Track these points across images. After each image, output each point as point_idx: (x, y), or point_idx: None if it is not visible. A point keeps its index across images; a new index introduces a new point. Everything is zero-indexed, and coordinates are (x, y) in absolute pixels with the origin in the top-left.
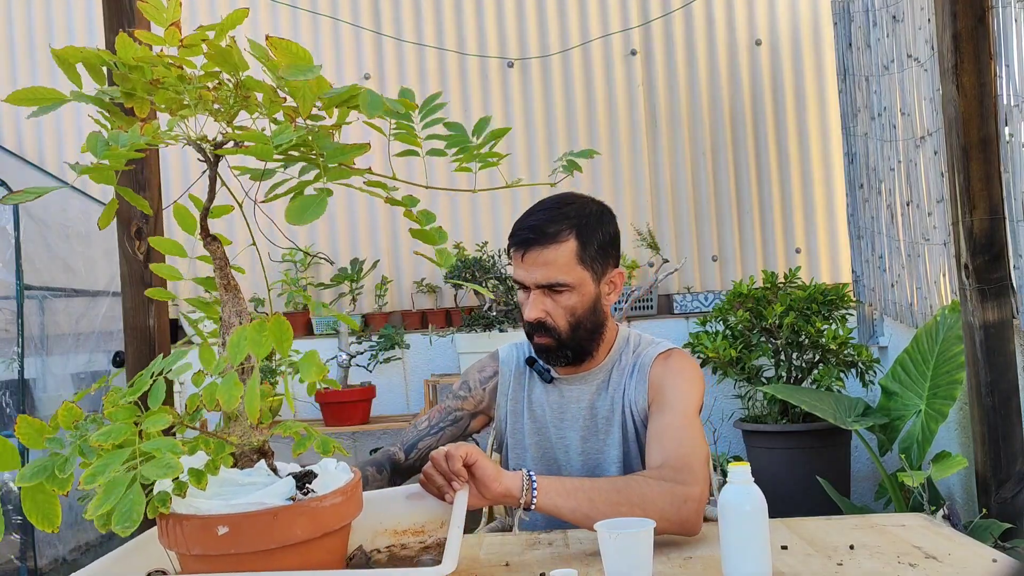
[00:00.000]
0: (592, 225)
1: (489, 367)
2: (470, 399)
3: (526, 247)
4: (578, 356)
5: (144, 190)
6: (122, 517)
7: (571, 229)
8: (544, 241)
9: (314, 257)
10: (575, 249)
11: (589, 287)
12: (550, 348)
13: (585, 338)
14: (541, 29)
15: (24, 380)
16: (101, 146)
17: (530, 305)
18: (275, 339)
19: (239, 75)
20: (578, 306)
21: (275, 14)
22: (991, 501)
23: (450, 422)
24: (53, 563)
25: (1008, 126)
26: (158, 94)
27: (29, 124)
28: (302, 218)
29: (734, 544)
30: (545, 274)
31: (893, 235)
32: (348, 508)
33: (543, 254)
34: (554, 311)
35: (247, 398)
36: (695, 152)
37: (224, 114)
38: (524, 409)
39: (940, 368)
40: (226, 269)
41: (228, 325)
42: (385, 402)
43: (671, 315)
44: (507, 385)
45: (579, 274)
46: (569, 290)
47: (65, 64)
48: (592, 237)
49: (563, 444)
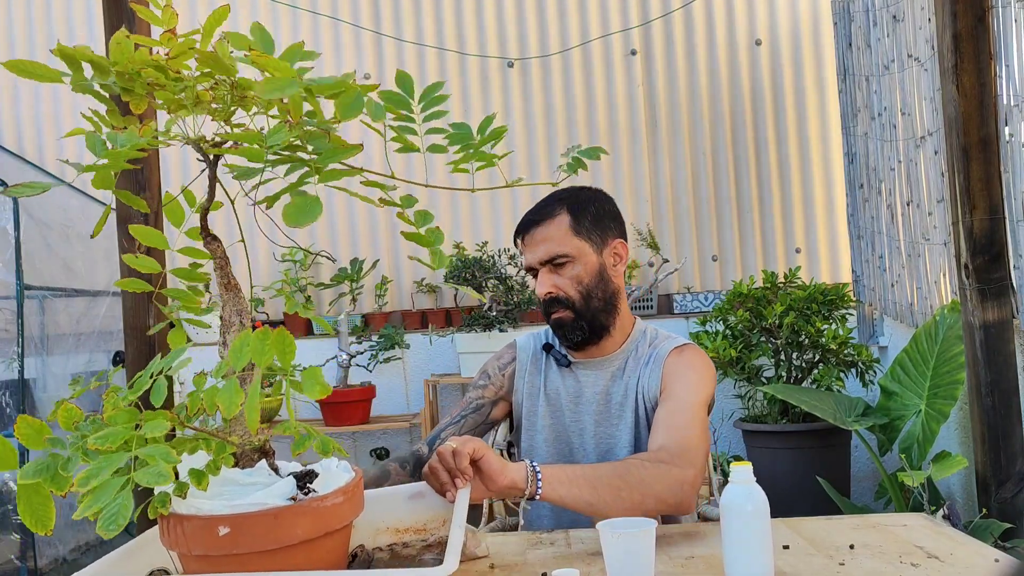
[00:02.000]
0: (584, 200)
1: (507, 354)
2: (490, 387)
3: (525, 231)
4: (594, 330)
5: (144, 190)
6: (108, 520)
7: (563, 205)
8: (539, 219)
9: (316, 256)
10: (568, 222)
11: (591, 256)
12: (567, 321)
13: (599, 309)
14: (541, 29)
15: (24, 380)
16: (99, 147)
17: (540, 283)
18: (278, 351)
19: (233, 76)
20: (583, 275)
21: (275, 14)
22: (991, 501)
23: (472, 410)
24: (53, 563)
25: (1008, 126)
26: (157, 93)
27: (29, 124)
28: (299, 220)
29: (736, 544)
30: (546, 249)
31: (893, 235)
32: (349, 508)
33: (538, 231)
34: (561, 283)
35: (247, 406)
36: (695, 152)
37: (222, 113)
38: (540, 392)
39: (940, 368)
40: (226, 268)
41: (229, 324)
42: (385, 402)
43: (671, 315)
44: (524, 370)
45: (576, 244)
46: (571, 260)
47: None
48: (585, 210)
49: (578, 427)
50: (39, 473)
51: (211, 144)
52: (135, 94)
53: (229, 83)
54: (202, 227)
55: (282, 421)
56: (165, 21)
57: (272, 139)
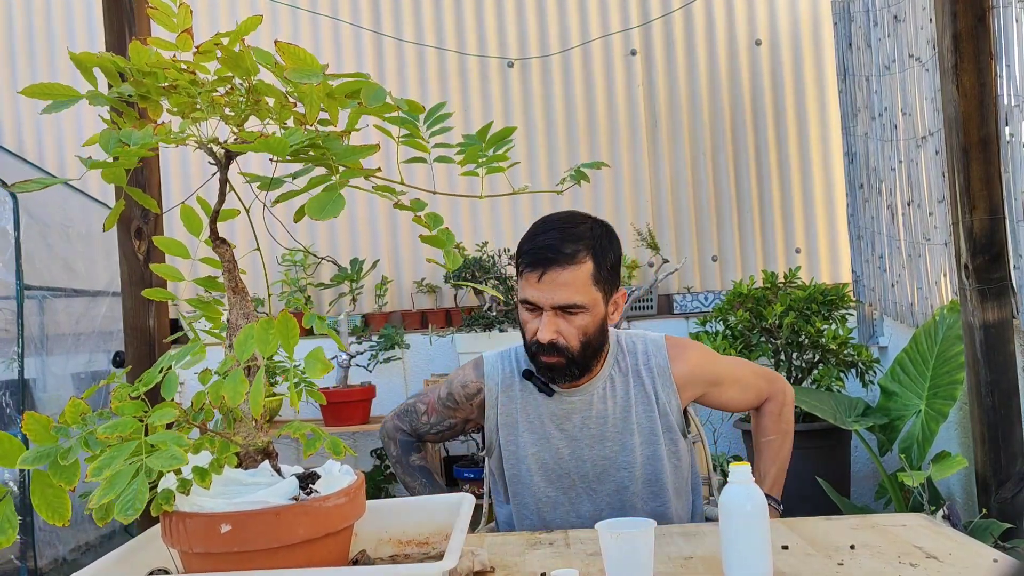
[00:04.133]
0: (605, 247)
1: (472, 383)
2: (460, 411)
3: (545, 267)
4: (583, 373)
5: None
6: (124, 506)
7: (587, 251)
8: (563, 262)
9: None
10: (591, 271)
11: (600, 308)
12: (559, 367)
13: (592, 356)
14: (541, 29)
15: (24, 380)
16: (113, 143)
17: (544, 327)
18: (281, 337)
19: (251, 79)
20: (590, 326)
21: (275, 14)
22: (991, 501)
23: (446, 427)
24: (53, 563)
25: (1008, 126)
26: (171, 97)
27: (29, 124)
28: (323, 213)
29: (735, 544)
30: (565, 295)
31: (893, 235)
32: (351, 509)
33: (562, 275)
34: (567, 332)
35: (251, 395)
36: (695, 152)
37: (235, 118)
38: (517, 422)
39: (940, 368)
40: (234, 272)
41: (236, 327)
42: (385, 402)
43: (671, 315)
44: (495, 399)
45: (593, 295)
46: (584, 311)
47: (83, 67)
48: (605, 259)
49: (569, 450)
50: (39, 460)
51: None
52: (151, 100)
53: (245, 88)
54: (211, 231)
55: (284, 422)
56: (181, 21)
57: (290, 138)
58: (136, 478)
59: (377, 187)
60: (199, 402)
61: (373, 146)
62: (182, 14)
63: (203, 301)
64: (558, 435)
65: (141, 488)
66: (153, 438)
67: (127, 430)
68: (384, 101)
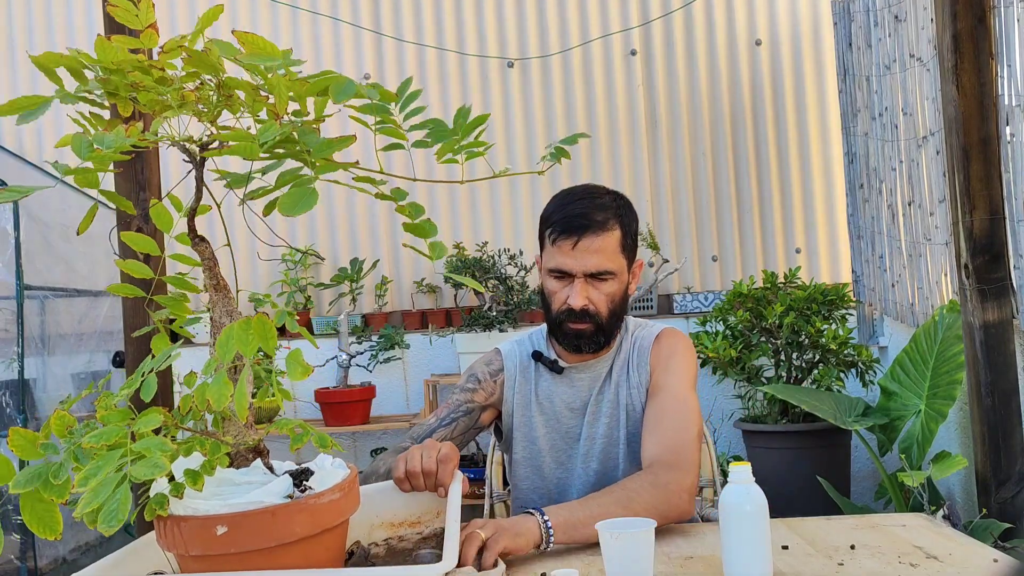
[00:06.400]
0: (629, 216)
1: (495, 361)
2: (480, 391)
3: (580, 234)
4: (607, 341)
5: (144, 189)
6: (108, 516)
7: (616, 218)
8: (596, 229)
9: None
10: (619, 238)
11: (625, 275)
12: (588, 334)
13: (615, 324)
14: (541, 29)
15: (24, 380)
16: (85, 148)
17: (576, 293)
18: (260, 337)
19: (220, 76)
20: (616, 293)
21: (275, 14)
22: (991, 501)
23: (462, 413)
24: (53, 563)
25: (1008, 126)
26: (140, 95)
27: (29, 124)
28: (294, 209)
29: (735, 544)
30: (598, 262)
31: (894, 235)
32: (346, 504)
33: (595, 241)
34: (597, 299)
35: (236, 397)
36: (695, 152)
37: (208, 114)
38: (532, 403)
39: (940, 368)
40: (215, 269)
41: (219, 326)
42: (385, 402)
43: (671, 315)
44: (513, 379)
45: (621, 262)
46: (613, 278)
47: (45, 69)
48: (631, 227)
49: (576, 432)
50: (31, 482)
51: (199, 144)
52: (120, 97)
53: (215, 83)
54: (189, 229)
55: (278, 420)
56: (142, 20)
57: (263, 136)
58: (120, 487)
59: (357, 178)
60: (186, 405)
61: (349, 137)
62: (144, 9)
63: (173, 298)
64: (568, 416)
65: (124, 498)
66: (139, 445)
67: (113, 438)
68: (353, 94)
